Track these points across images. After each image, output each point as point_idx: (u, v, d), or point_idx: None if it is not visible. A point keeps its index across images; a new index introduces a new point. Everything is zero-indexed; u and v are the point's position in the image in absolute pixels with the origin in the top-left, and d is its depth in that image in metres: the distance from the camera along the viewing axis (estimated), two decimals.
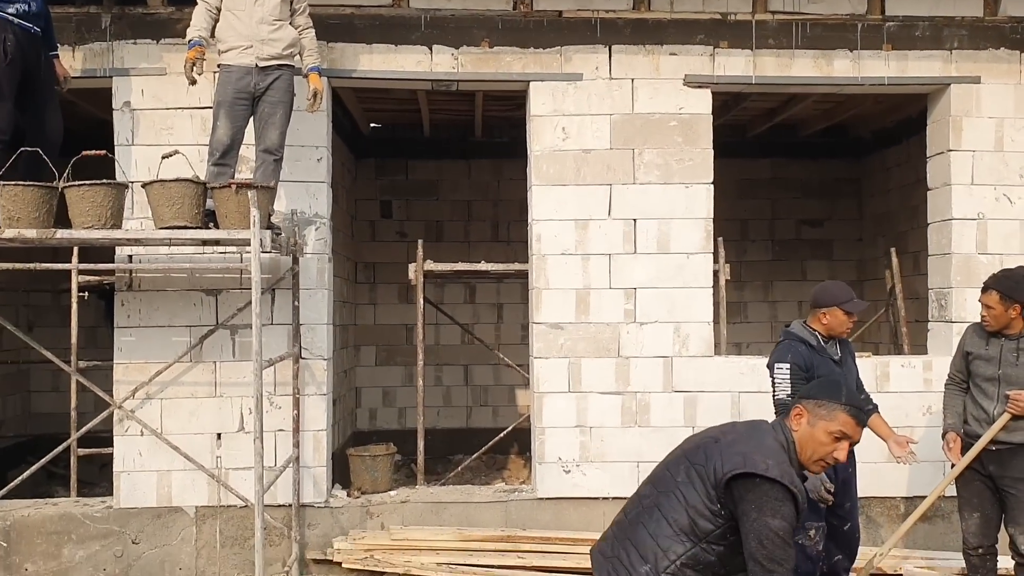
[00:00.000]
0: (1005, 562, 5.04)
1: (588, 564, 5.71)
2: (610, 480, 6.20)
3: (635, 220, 6.25)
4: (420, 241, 6.76)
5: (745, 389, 6.24)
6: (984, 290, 4.87)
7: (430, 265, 6.75)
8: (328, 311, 6.22)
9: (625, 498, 6.22)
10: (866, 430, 5.16)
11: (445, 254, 8.26)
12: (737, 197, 10.80)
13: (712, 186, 6.31)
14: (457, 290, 10.66)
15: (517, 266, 6.75)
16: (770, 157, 10.76)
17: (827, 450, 2.83)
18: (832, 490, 4.73)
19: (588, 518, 6.18)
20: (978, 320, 5.02)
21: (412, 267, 6.72)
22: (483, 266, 6.83)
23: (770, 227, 10.94)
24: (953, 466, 5.01)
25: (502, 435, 7.40)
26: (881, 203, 10.23)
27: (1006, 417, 4.74)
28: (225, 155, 5.36)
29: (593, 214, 6.24)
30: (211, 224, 5.30)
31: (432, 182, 10.65)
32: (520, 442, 8.81)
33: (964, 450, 4.94)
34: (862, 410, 2.85)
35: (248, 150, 5.66)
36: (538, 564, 5.85)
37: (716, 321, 6.75)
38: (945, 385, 5.21)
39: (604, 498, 6.17)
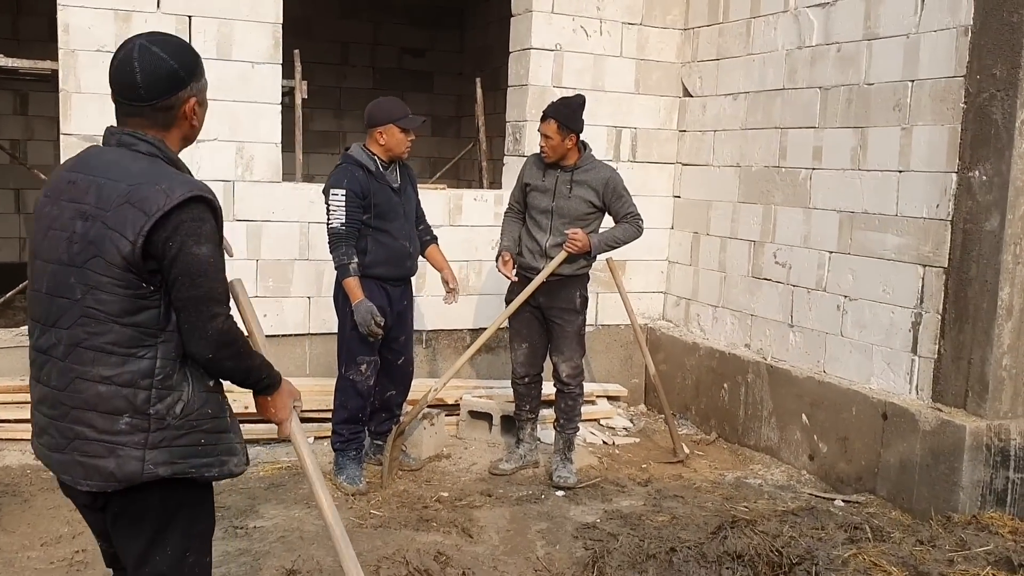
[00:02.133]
0: (548, 388, 5.17)
1: None
2: None
3: (190, 17, 5.35)
4: None
5: (316, 219, 5.74)
6: (543, 119, 4.69)
7: None
8: None
9: None
10: (424, 262, 5.01)
11: None
12: (338, 17, 10.10)
13: None
14: (3, 98, 8.94)
15: (47, 64, 5.55)
16: None
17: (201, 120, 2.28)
18: (382, 323, 4.47)
19: None
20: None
21: None
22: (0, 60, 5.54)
23: (372, 53, 10.39)
24: (508, 293, 4.97)
25: None
26: (480, 36, 10.08)
27: (563, 255, 4.71)
28: None
29: (138, 5, 5.24)
30: None
31: None
32: None
33: (520, 283, 4.89)
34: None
35: None
36: None
37: (293, 148, 6.17)
38: (504, 213, 5.10)
39: None
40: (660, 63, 6.51)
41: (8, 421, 4.97)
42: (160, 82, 2.14)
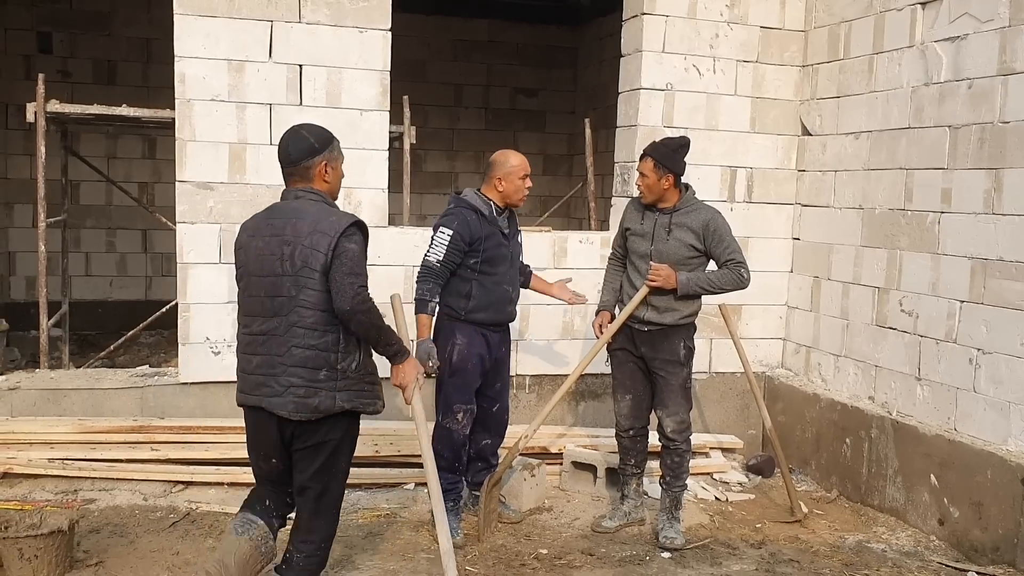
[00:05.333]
0: (654, 438, 4.94)
1: (236, 455, 5.18)
2: None
3: (301, 66, 5.45)
4: (41, 76, 5.58)
5: (419, 263, 5.74)
6: (641, 157, 4.56)
7: (57, 106, 5.64)
8: None
9: None
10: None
11: (118, 100, 7.00)
12: (452, 59, 10.21)
13: (389, 34, 5.57)
14: (133, 143, 9.37)
15: (166, 112, 5.76)
16: (488, 18, 10.17)
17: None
18: (436, 365, 4.37)
19: None
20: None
21: (31, 107, 5.57)
22: (123, 110, 5.80)
23: (485, 94, 10.44)
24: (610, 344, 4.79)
25: (165, 309, 6.54)
26: (594, 75, 9.99)
27: (645, 290, 4.51)
28: None
29: (251, 55, 5.37)
30: None
31: (103, 14, 9.16)
32: None
33: (621, 333, 4.70)
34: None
35: None
36: (176, 456, 5.16)
37: (400, 189, 6.21)
38: (608, 260, 4.95)
39: None
40: (777, 101, 6.25)
41: (120, 461, 5.09)
42: (301, 151, 3.39)
